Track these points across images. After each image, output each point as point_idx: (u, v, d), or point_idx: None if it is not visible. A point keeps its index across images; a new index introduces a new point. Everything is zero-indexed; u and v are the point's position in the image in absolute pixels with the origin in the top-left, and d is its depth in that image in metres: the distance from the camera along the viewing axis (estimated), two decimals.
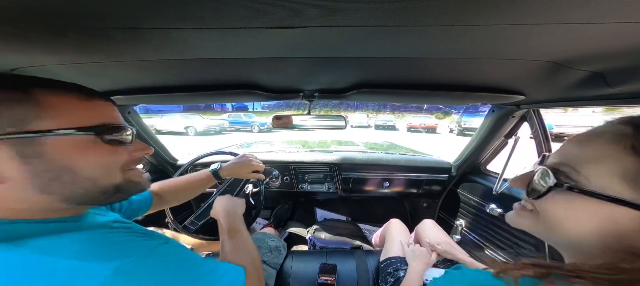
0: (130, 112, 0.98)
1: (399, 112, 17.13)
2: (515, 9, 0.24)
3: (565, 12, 0.24)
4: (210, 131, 9.47)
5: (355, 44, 0.36)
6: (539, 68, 0.43)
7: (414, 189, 1.35)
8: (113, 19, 0.26)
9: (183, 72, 0.51)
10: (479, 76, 0.52)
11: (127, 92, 0.64)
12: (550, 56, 0.38)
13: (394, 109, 20.18)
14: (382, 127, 15.07)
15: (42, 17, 0.25)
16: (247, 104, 12.39)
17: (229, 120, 11.64)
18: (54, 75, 0.47)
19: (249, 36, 0.32)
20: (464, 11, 0.25)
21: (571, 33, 0.29)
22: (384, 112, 16.73)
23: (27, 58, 0.38)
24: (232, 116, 12.16)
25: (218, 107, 20.31)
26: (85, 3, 0.23)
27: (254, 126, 11.71)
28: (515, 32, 0.30)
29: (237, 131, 11.06)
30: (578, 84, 0.49)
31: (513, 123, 0.96)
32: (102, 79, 0.55)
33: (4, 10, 0.23)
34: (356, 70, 0.52)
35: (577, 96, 0.58)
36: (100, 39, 0.32)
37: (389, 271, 0.70)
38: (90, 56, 0.39)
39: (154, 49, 0.36)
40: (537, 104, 0.78)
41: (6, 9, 0.23)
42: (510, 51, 0.36)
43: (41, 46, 0.34)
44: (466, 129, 11.26)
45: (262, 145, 1.73)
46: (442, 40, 0.33)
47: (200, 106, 22.40)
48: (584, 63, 0.40)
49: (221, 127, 10.37)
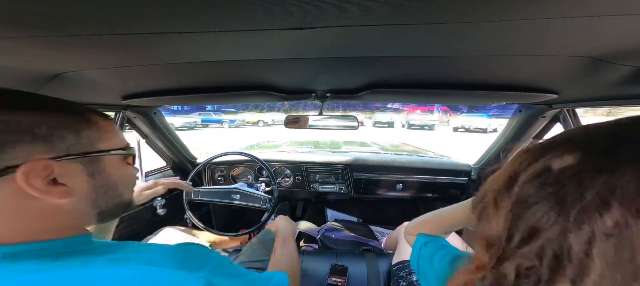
0: (156, 113, 1.05)
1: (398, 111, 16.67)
2: (546, 2, 0.22)
3: (606, 3, 0.22)
4: (184, 127, 12.20)
5: (370, 43, 0.35)
6: (575, 64, 0.39)
7: (429, 192, 1.30)
8: (144, 24, 0.28)
9: (201, 74, 0.54)
10: (506, 73, 0.48)
11: (154, 94, 0.69)
12: (589, 51, 0.34)
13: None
14: (380, 125, 14.89)
15: (81, 23, 0.28)
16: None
17: (200, 118, 13.90)
18: (92, 79, 0.52)
19: (263, 38, 0.33)
20: (488, 8, 0.23)
21: (613, 26, 0.26)
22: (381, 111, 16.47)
23: (68, 63, 0.43)
24: (203, 114, 14.43)
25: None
26: (120, 12, 0.25)
27: (224, 123, 13.89)
28: (546, 27, 0.27)
29: (205, 128, 13.44)
30: (621, 82, 0.43)
31: (543, 124, 0.88)
32: (133, 82, 0.60)
33: (48, 18, 0.26)
34: (370, 69, 0.51)
35: (620, 94, 0.52)
36: (132, 44, 0.35)
37: (401, 274, 0.67)
38: (123, 60, 0.42)
39: (179, 52, 0.39)
40: (571, 104, 0.71)
41: (49, 17, 0.26)
42: (544, 46, 0.33)
43: (80, 52, 0.37)
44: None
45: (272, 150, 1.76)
46: (465, 38, 0.31)
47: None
48: (629, 58, 0.35)
49: (194, 123, 13.18)
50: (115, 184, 0.32)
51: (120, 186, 0.33)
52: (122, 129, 0.97)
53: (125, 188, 0.34)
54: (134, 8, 0.24)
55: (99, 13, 0.25)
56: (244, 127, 14.02)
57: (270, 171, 1.04)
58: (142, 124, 1.04)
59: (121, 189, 0.33)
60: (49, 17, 0.26)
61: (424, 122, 14.16)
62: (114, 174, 0.32)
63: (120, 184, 0.33)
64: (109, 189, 0.31)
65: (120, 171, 0.33)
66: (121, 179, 0.33)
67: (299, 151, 1.51)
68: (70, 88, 0.53)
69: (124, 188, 0.34)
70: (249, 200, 1.02)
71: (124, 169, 0.34)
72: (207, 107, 14.39)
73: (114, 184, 0.32)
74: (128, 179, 0.35)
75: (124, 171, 0.34)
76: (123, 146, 0.33)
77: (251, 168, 1.36)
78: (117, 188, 0.32)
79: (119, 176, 0.32)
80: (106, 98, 0.74)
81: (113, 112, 0.92)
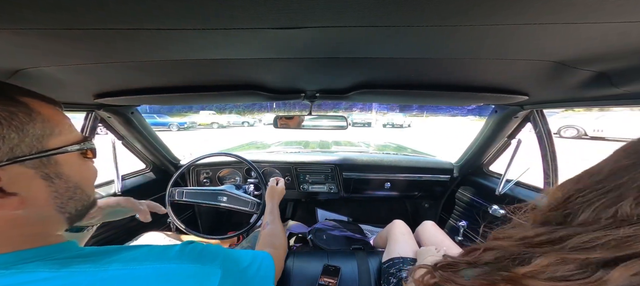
0: (133, 113, 0.98)
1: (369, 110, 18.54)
2: (520, 9, 0.24)
3: (571, 12, 0.24)
4: None
5: (357, 44, 0.35)
6: (544, 68, 0.43)
7: (415, 190, 1.35)
8: (117, 20, 0.26)
9: (186, 72, 0.52)
10: (483, 76, 0.52)
11: (131, 93, 0.65)
12: (555, 56, 0.38)
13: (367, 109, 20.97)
14: (359, 125, 16.15)
15: (45, 18, 0.25)
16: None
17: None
18: (59, 76, 0.47)
19: (252, 37, 0.32)
20: (468, 11, 0.24)
21: (576, 33, 0.29)
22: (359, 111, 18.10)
23: (31, 60, 0.39)
24: (145, 117, 14.34)
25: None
26: (88, 4, 0.23)
27: (172, 126, 12.64)
28: (519, 33, 0.29)
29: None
30: (583, 85, 0.48)
31: (516, 124, 0.95)
32: (107, 80, 0.55)
33: (4, 9, 0.23)
34: (358, 70, 0.52)
35: (582, 96, 0.58)
36: (105, 40, 0.32)
37: (391, 271, 0.69)
38: (94, 57, 0.39)
39: (158, 49, 0.36)
40: (540, 105, 0.78)
41: (9, 11, 0.23)
42: (515, 51, 0.36)
43: (44, 48, 0.34)
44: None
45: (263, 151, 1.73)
46: (445, 40, 0.33)
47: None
48: (589, 63, 0.39)
49: None
50: (77, 185, 0.28)
51: (84, 187, 0.29)
52: (94, 130, 0.89)
53: (89, 187, 0.30)
54: (106, 2, 0.22)
55: (63, 5, 0.23)
56: (195, 130, 12.81)
57: (260, 173, 1.02)
58: (118, 125, 0.97)
59: (86, 190, 0.29)
60: (5, 7, 0.23)
61: (363, 121, 16.36)
62: (75, 174, 0.27)
63: (84, 185, 0.29)
64: (73, 192, 0.27)
65: (81, 169, 0.28)
66: (83, 179, 0.29)
67: (288, 151, 1.50)
68: (33, 86, 0.47)
69: (88, 187, 0.30)
70: (236, 203, 0.99)
71: (83, 166, 0.29)
72: (148, 110, 12.94)
73: (77, 185, 0.27)
74: (90, 178, 0.31)
75: (84, 169, 0.29)
76: (78, 140, 0.28)
77: (239, 169, 1.32)
78: (82, 190, 0.28)
79: (80, 175, 0.28)
80: (76, 97, 0.67)
81: (84, 112, 0.85)
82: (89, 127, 0.87)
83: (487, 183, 1.10)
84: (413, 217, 1.62)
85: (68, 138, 0.27)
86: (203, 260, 0.28)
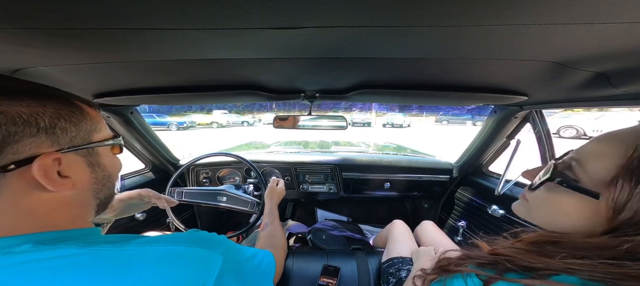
0: (132, 113, 0.98)
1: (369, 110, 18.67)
2: (519, 10, 0.24)
3: (569, 12, 0.24)
4: None
5: (357, 44, 0.36)
6: (543, 69, 0.43)
7: (415, 190, 1.35)
8: (115, 20, 0.26)
9: (185, 72, 0.52)
10: (482, 76, 0.52)
11: (131, 93, 0.64)
12: (553, 56, 0.38)
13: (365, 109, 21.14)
14: (358, 125, 16.29)
15: (45, 18, 0.25)
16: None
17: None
18: (58, 76, 0.47)
19: (251, 37, 0.32)
20: (467, 12, 0.24)
21: (575, 34, 0.29)
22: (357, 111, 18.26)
23: (30, 60, 0.39)
24: (145, 116, 14.60)
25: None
26: (87, 3, 0.23)
27: (171, 125, 12.74)
28: (519, 33, 0.29)
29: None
30: (581, 85, 0.48)
31: (515, 124, 0.95)
32: (106, 79, 0.55)
33: (5, 12, 0.24)
34: (358, 70, 0.52)
35: (581, 96, 0.58)
36: (104, 39, 0.32)
37: (390, 271, 0.69)
38: (93, 57, 0.39)
39: (157, 49, 0.36)
40: (539, 105, 0.78)
41: (7, 10, 0.23)
42: (514, 51, 0.36)
43: (43, 47, 0.34)
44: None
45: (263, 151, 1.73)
46: (445, 41, 0.33)
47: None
48: (588, 64, 0.39)
49: None
50: (110, 174, 0.33)
51: (113, 177, 0.34)
52: None
53: (116, 178, 0.35)
54: (105, 2, 0.22)
55: (62, 4, 0.23)
56: (194, 129, 12.94)
57: (259, 173, 1.02)
58: (117, 125, 0.97)
59: (114, 180, 0.34)
60: (4, 7, 0.23)
61: (363, 120, 16.42)
62: (109, 165, 0.32)
63: (113, 176, 0.34)
64: (106, 180, 0.32)
65: (113, 162, 0.34)
66: (114, 170, 0.34)
67: (288, 151, 1.50)
68: None
69: (115, 178, 0.35)
70: (236, 203, 0.99)
71: (114, 159, 0.34)
72: (147, 109, 13.02)
73: (110, 174, 0.33)
74: (118, 169, 0.36)
75: (114, 161, 0.34)
76: (112, 136, 0.33)
77: (238, 169, 1.32)
78: (112, 180, 0.33)
79: (112, 166, 0.33)
80: None
81: None
82: None
83: (486, 183, 1.10)
84: (412, 217, 1.62)
85: (105, 134, 0.32)
86: (208, 245, 0.31)
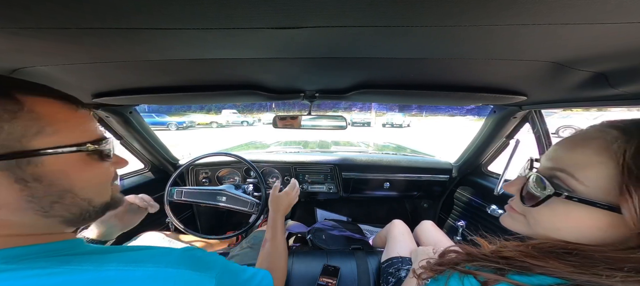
0: (132, 112, 0.98)
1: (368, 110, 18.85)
2: (518, 10, 0.24)
3: (568, 12, 0.24)
4: None
5: (357, 44, 0.36)
6: (541, 69, 0.43)
7: (414, 190, 1.35)
8: (115, 19, 0.26)
9: (185, 72, 0.51)
10: (481, 76, 0.52)
11: (130, 93, 0.64)
12: (552, 56, 0.38)
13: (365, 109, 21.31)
14: (358, 124, 16.49)
15: (43, 17, 0.25)
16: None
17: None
18: (56, 76, 0.47)
19: (251, 37, 0.32)
20: (467, 12, 0.24)
21: (574, 33, 0.29)
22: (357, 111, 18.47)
23: (28, 59, 0.38)
24: (144, 116, 15.08)
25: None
26: (87, 3, 0.23)
27: (171, 125, 12.63)
28: (518, 33, 0.29)
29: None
30: (580, 85, 0.49)
31: (515, 124, 0.96)
32: (105, 79, 0.55)
33: (4, 11, 0.23)
34: (357, 70, 0.52)
35: (579, 96, 0.58)
36: (103, 39, 0.32)
37: (390, 271, 0.69)
38: (92, 56, 0.39)
39: (156, 49, 0.36)
40: (539, 105, 0.78)
41: (6, 10, 0.23)
42: (513, 51, 0.36)
43: (42, 47, 0.33)
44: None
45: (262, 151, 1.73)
46: (444, 41, 0.33)
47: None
48: (587, 64, 0.40)
49: None
50: (70, 189, 0.25)
51: (79, 191, 0.26)
52: None
53: (88, 191, 0.27)
54: (104, 1, 0.22)
55: (61, 4, 0.23)
56: (194, 129, 12.88)
57: (259, 172, 1.02)
58: (117, 125, 0.97)
59: (85, 194, 0.26)
60: (2, 6, 0.23)
61: (363, 120, 16.57)
62: (64, 178, 0.24)
63: (80, 189, 0.26)
64: (60, 197, 0.24)
65: (80, 173, 0.25)
66: (82, 183, 0.26)
67: (288, 151, 1.50)
68: None
69: (86, 191, 0.27)
70: (236, 203, 0.99)
71: (87, 169, 0.26)
72: (146, 109, 13.05)
73: (67, 189, 0.25)
74: (95, 181, 0.28)
75: (86, 172, 0.26)
76: (81, 141, 0.25)
77: (238, 169, 1.32)
78: (75, 194, 0.25)
79: (76, 179, 0.25)
80: None
81: None
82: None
83: (485, 183, 1.11)
84: (412, 217, 1.62)
85: (63, 138, 0.24)
86: (199, 267, 0.28)
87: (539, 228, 0.29)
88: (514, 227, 0.32)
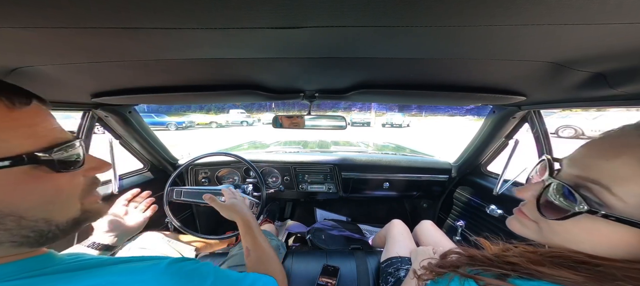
0: (131, 112, 0.98)
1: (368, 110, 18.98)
2: (517, 10, 0.24)
3: (567, 12, 0.24)
4: None
5: (356, 44, 0.36)
6: (540, 69, 0.43)
7: (414, 190, 1.35)
8: (114, 19, 0.26)
9: (184, 71, 0.51)
10: (480, 76, 0.52)
11: (129, 92, 0.64)
12: (551, 56, 0.38)
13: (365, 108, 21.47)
14: (358, 124, 16.57)
15: (41, 16, 0.25)
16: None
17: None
18: (55, 75, 0.47)
19: (251, 36, 0.32)
20: (466, 12, 0.25)
21: (573, 34, 0.29)
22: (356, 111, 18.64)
23: (27, 58, 0.38)
24: (144, 116, 15.41)
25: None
26: (86, 2, 0.23)
27: (170, 125, 12.48)
28: (517, 34, 0.30)
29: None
30: (579, 85, 0.49)
31: (514, 124, 0.96)
32: (104, 79, 0.55)
33: (2, 11, 0.23)
34: (357, 70, 0.52)
35: (578, 97, 0.58)
36: (102, 38, 0.32)
37: (389, 271, 0.69)
38: (92, 56, 0.39)
39: (156, 48, 0.36)
40: (538, 105, 0.78)
41: (4, 9, 0.23)
42: (512, 51, 0.36)
43: (40, 46, 0.33)
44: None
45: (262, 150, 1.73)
46: (443, 41, 0.33)
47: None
48: (586, 64, 0.40)
49: None
50: (10, 212, 0.20)
51: (27, 212, 0.21)
52: (92, 130, 0.89)
53: (45, 210, 0.22)
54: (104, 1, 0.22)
55: (60, 3, 0.23)
56: (193, 129, 12.73)
57: (258, 172, 1.02)
58: (116, 124, 0.97)
59: (36, 215, 0.21)
60: (2, 6, 0.23)
61: (363, 120, 16.62)
62: (5, 198, 0.20)
63: (26, 210, 0.21)
64: (1, 221, 0.20)
65: (21, 192, 0.20)
66: (27, 203, 0.21)
67: (287, 151, 1.50)
68: (29, 85, 0.47)
69: (42, 211, 0.22)
70: None
71: (35, 185, 0.21)
72: (146, 109, 12.93)
73: (8, 212, 0.20)
74: (50, 198, 0.22)
75: (33, 190, 0.21)
76: (18, 153, 0.20)
77: (237, 169, 1.31)
78: (20, 216, 0.21)
79: (17, 199, 0.20)
80: (73, 96, 0.67)
81: (81, 112, 0.84)
82: (86, 126, 0.86)
83: (484, 183, 1.11)
84: (411, 217, 1.63)
85: (12, 146, 0.19)
86: (192, 280, 0.26)
87: (556, 238, 0.25)
88: (523, 233, 0.29)
